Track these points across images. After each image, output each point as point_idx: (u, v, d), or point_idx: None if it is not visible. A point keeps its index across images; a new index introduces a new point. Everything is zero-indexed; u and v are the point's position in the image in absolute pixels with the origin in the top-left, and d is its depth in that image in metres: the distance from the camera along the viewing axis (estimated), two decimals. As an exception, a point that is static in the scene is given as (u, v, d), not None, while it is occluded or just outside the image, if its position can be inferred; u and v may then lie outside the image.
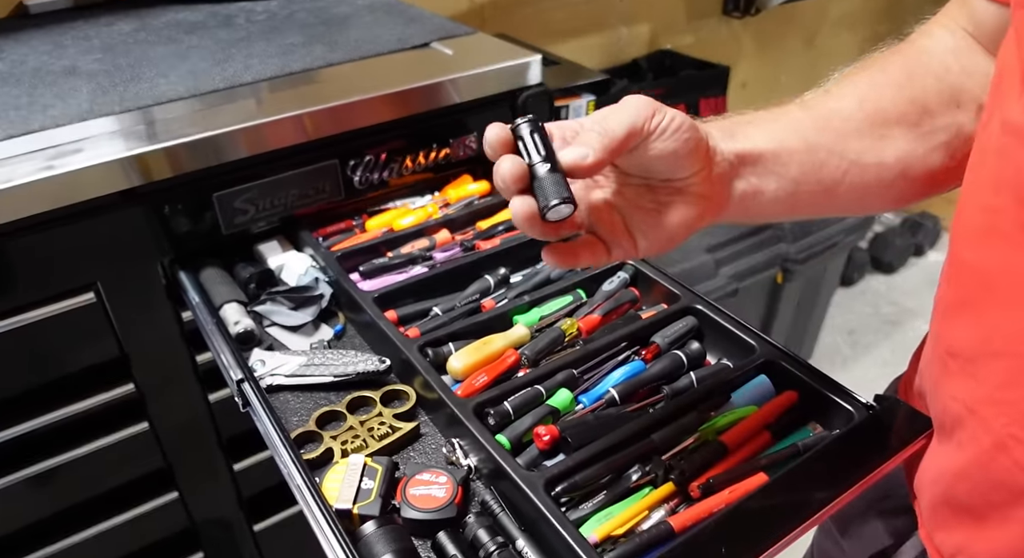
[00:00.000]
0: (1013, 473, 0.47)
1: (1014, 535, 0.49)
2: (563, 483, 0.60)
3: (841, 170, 0.55)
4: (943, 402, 0.55)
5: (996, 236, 0.46)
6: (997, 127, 0.46)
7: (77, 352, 0.87)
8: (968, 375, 0.50)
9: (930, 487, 0.59)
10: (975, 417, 0.50)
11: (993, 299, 0.47)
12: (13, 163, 0.79)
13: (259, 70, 1.02)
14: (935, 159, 0.56)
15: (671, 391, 0.70)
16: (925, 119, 0.56)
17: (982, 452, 0.50)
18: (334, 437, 0.68)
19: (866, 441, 0.62)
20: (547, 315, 0.80)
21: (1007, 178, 0.45)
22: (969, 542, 0.54)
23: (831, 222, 2.02)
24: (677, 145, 0.48)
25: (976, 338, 0.49)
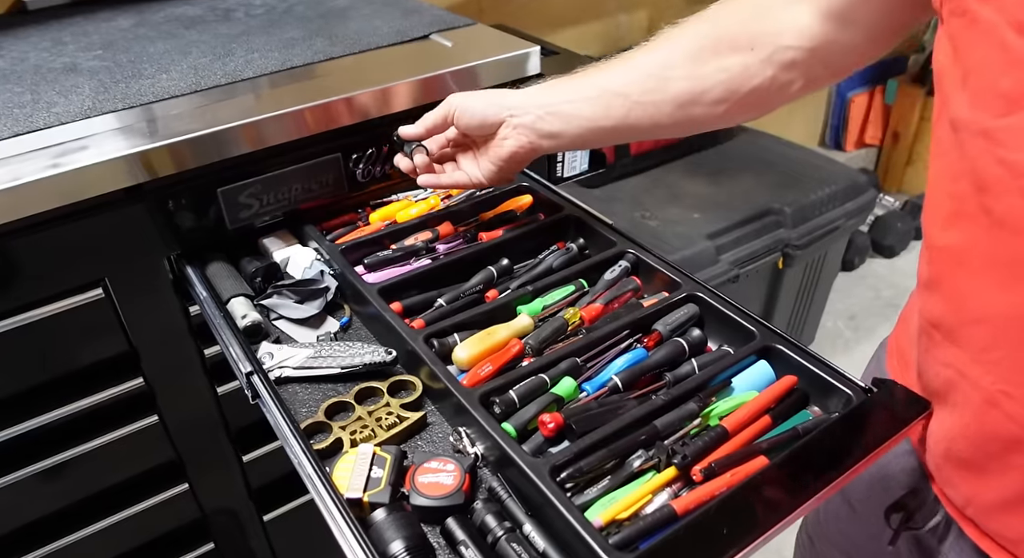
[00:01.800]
0: (1005, 425, 0.52)
1: (1014, 481, 0.54)
2: (568, 469, 0.61)
3: (625, 108, 0.74)
4: (934, 370, 0.60)
5: (961, 218, 0.52)
6: (947, 124, 0.52)
7: (86, 347, 0.88)
8: (952, 343, 0.56)
9: (933, 448, 0.63)
10: (965, 380, 0.55)
11: (964, 273, 0.53)
12: (19, 161, 0.80)
13: (260, 65, 1.03)
14: (710, 97, 0.71)
15: (673, 378, 0.71)
16: (707, 63, 0.70)
17: (975, 409, 0.55)
18: (343, 427, 0.69)
19: (864, 423, 0.63)
20: (550, 305, 0.81)
21: (964, 168, 0.50)
22: (976, 494, 0.59)
23: (831, 207, 2.03)
24: (473, 123, 0.81)
25: (954, 309, 0.55)
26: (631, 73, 0.75)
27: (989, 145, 0.47)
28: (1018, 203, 0.46)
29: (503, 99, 0.79)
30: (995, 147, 0.47)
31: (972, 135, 0.49)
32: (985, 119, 0.48)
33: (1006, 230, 0.48)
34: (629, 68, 0.75)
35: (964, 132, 0.50)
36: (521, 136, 0.79)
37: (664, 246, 1.76)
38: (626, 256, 0.86)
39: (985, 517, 0.60)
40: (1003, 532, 0.58)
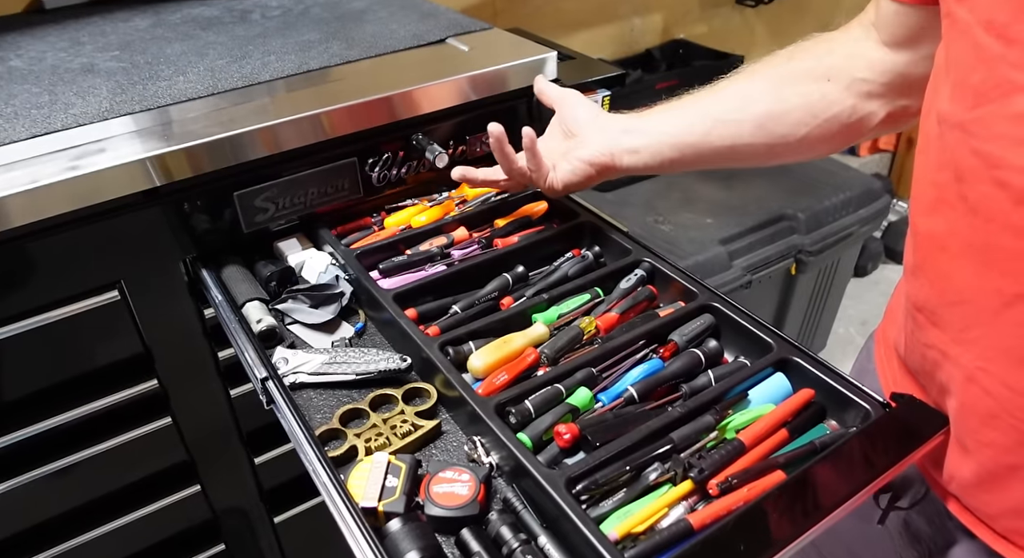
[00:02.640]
0: (983, 399, 0.56)
1: (989, 457, 0.57)
2: (584, 481, 0.61)
3: (707, 126, 0.76)
4: (920, 351, 0.63)
5: (943, 206, 0.55)
6: (934, 118, 0.55)
7: (102, 349, 0.89)
8: (934, 324, 0.59)
9: None
10: (947, 359, 0.59)
11: (945, 257, 0.56)
12: (38, 163, 0.80)
13: (277, 68, 1.03)
14: (792, 119, 0.74)
15: (689, 389, 0.71)
16: (788, 89, 0.74)
17: (957, 387, 0.59)
18: (358, 435, 0.69)
19: (883, 439, 0.63)
20: (565, 313, 0.80)
21: (946, 159, 0.54)
22: (957, 469, 0.62)
23: (845, 213, 2.02)
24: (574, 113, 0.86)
25: (935, 292, 0.58)
26: (714, 97, 0.78)
27: (964, 136, 0.51)
28: (990, 191, 0.50)
29: (600, 113, 0.84)
30: (969, 138, 0.50)
31: (951, 127, 0.52)
32: (960, 112, 0.51)
33: (980, 217, 0.51)
34: (712, 94, 0.79)
35: (944, 124, 0.53)
36: (603, 145, 0.80)
37: (677, 251, 1.75)
38: (642, 265, 0.85)
39: (966, 493, 0.63)
40: (982, 508, 0.61)
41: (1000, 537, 0.61)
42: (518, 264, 0.88)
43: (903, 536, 0.75)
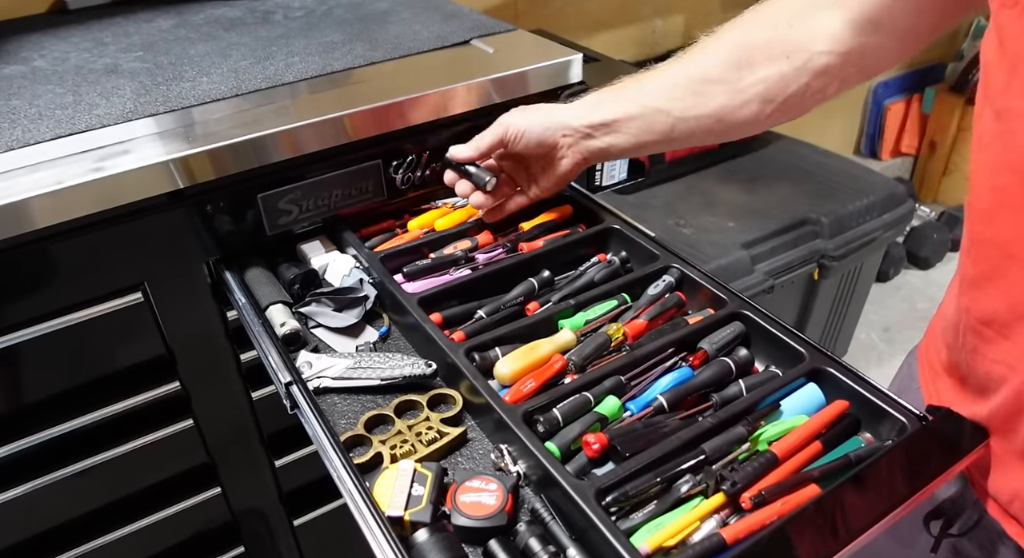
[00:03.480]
0: None
1: None
2: (613, 492, 0.59)
3: (669, 124, 0.78)
4: (985, 367, 0.60)
5: (1007, 211, 0.53)
6: (991, 116, 0.53)
7: (124, 350, 0.88)
8: (1004, 337, 0.57)
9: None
10: (1016, 373, 0.56)
11: (1015, 267, 0.53)
12: (63, 164, 0.80)
13: (300, 69, 1.02)
14: (749, 108, 0.75)
15: (720, 399, 0.69)
16: (744, 75, 0.73)
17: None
18: (383, 441, 0.68)
19: (921, 453, 0.61)
20: (592, 319, 0.79)
21: (1009, 160, 0.51)
22: (1022, 486, 0.60)
23: (869, 218, 1.99)
24: (531, 146, 0.84)
25: (1007, 304, 0.55)
26: (672, 89, 0.79)
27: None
28: None
29: (553, 118, 0.83)
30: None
31: (1019, 124, 0.50)
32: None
33: None
34: (669, 82, 0.79)
35: (1008, 121, 0.51)
36: (576, 154, 0.84)
37: (699, 255, 1.73)
38: (670, 271, 0.84)
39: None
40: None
41: None
42: (544, 268, 0.87)
43: None
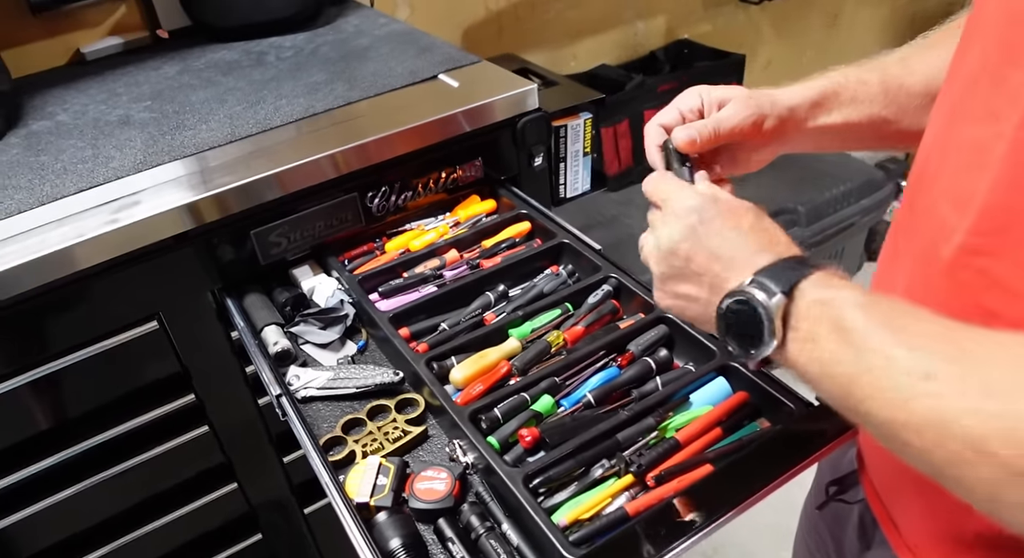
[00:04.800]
0: None
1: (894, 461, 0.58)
2: (540, 477, 0.72)
3: (843, 76, 0.72)
4: None
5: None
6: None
7: (146, 370, 1.03)
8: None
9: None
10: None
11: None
12: (85, 217, 0.94)
13: (287, 112, 1.15)
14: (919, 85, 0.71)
15: (639, 394, 0.82)
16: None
17: None
18: (356, 441, 0.82)
19: (800, 436, 0.73)
20: (538, 328, 0.92)
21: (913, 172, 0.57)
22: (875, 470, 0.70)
23: (846, 204, 2.08)
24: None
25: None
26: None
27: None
28: None
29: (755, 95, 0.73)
30: None
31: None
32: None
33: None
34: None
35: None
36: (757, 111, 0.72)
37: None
38: (608, 281, 0.96)
39: (885, 491, 0.70)
40: (893, 503, 0.68)
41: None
42: (501, 282, 1.00)
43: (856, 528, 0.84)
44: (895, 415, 0.44)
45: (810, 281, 0.52)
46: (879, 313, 0.48)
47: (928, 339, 0.45)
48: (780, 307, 0.51)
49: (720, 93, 0.72)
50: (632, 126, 1.96)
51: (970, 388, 0.41)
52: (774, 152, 0.76)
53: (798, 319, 0.51)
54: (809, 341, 0.50)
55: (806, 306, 0.51)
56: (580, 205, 1.75)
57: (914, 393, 0.43)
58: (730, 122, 0.69)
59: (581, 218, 1.88)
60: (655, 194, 0.65)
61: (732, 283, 0.56)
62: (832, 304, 0.50)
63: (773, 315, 0.51)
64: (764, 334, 0.52)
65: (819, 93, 0.72)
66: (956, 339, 0.44)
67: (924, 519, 0.66)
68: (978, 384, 0.41)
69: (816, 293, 0.51)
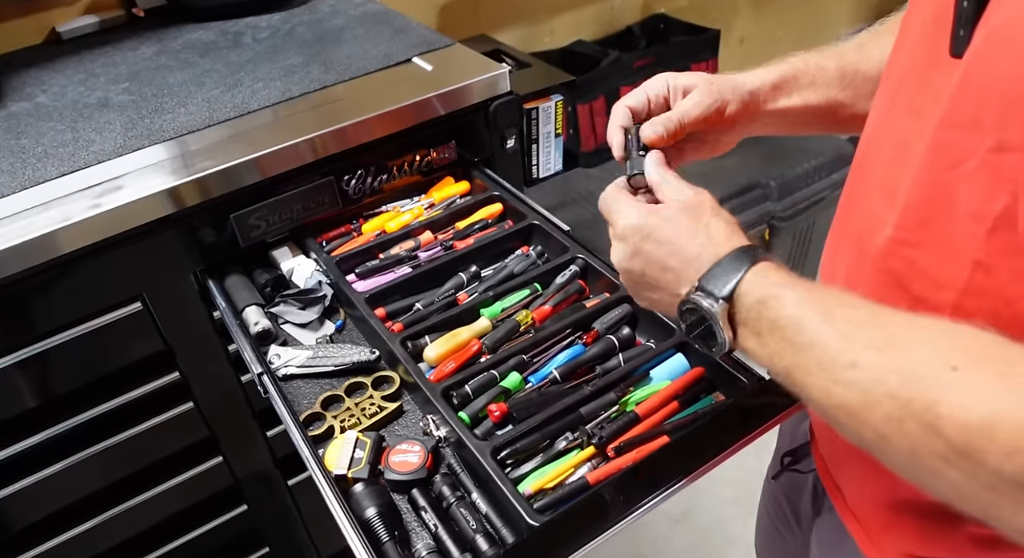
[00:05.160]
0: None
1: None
2: (507, 449, 0.77)
3: (801, 61, 0.76)
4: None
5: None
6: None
7: (131, 350, 1.06)
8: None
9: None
10: None
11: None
12: (68, 201, 0.96)
13: (264, 96, 1.18)
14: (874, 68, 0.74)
15: (602, 370, 0.86)
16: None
17: None
18: (335, 416, 0.86)
19: (751, 409, 0.78)
20: (508, 307, 0.96)
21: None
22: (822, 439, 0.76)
23: (817, 178, 2.13)
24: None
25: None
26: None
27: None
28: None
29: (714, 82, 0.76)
30: None
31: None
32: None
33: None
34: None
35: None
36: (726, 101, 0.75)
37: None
38: (576, 262, 1.00)
39: (831, 462, 0.76)
40: (838, 472, 0.74)
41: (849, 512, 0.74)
42: (473, 263, 1.04)
43: (810, 496, 0.89)
44: (828, 399, 0.49)
45: (749, 280, 0.56)
46: (812, 305, 0.52)
47: (855, 325, 0.49)
48: (723, 311, 0.56)
49: (684, 81, 0.76)
50: (608, 103, 1.99)
51: (889, 374, 0.45)
52: (738, 135, 0.79)
53: (743, 318, 0.56)
54: (755, 336, 0.56)
55: (746, 307, 0.56)
56: (555, 183, 1.78)
57: (842, 379, 0.48)
58: (695, 111, 0.73)
59: (556, 196, 1.91)
60: (605, 213, 0.69)
61: (682, 290, 0.60)
62: (769, 303, 0.54)
63: (719, 319, 0.56)
64: (717, 334, 0.57)
65: (779, 77, 0.76)
66: (883, 324, 0.49)
67: (864, 487, 0.71)
68: (897, 370, 0.45)
69: (755, 293, 0.55)
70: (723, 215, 0.62)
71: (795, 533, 0.91)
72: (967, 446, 0.41)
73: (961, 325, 0.45)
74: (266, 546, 1.39)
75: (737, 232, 0.60)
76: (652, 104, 0.77)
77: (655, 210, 0.63)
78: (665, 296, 0.63)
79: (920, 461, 0.45)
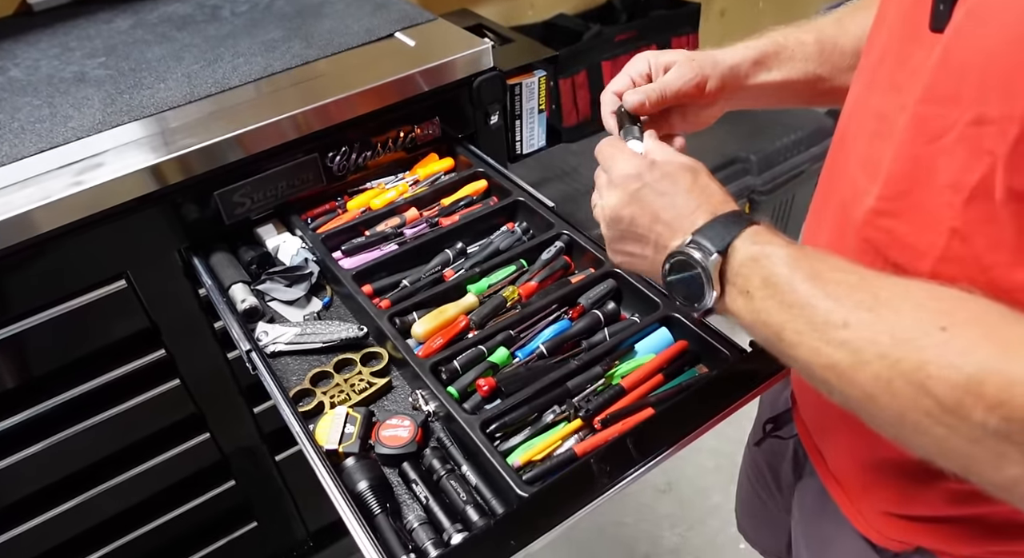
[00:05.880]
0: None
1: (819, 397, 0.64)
2: (496, 423, 0.78)
3: (781, 35, 0.78)
4: None
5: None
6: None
7: (116, 327, 1.06)
8: None
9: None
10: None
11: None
12: (48, 179, 0.95)
13: (245, 71, 1.16)
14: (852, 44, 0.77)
15: (588, 345, 0.88)
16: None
17: None
18: (324, 392, 0.87)
19: (733, 380, 0.80)
20: (494, 283, 0.97)
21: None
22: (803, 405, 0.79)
23: (796, 152, 2.15)
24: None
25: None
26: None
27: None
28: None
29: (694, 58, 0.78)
30: None
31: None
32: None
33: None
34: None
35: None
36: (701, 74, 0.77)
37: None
38: (561, 237, 1.01)
39: (813, 427, 0.79)
40: (820, 437, 0.76)
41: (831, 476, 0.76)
42: (459, 240, 1.04)
43: (791, 461, 0.92)
44: (817, 359, 0.50)
45: (743, 238, 0.57)
46: (804, 267, 0.53)
47: (846, 288, 0.51)
48: (716, 264, 0.57)
49: (666, 58, 0.78)
50: (590, 77, 1.99)
51: (880, 335, 0.47)
52: (721, 109, 0.81)
53: (733, 275, 0.57)
54: (743, 294, 0.56)
55: (739, 263, 0.56)
56: (538, 159, 1.78)
57: (833, 339, 0.49)
58: (675, 84, 0.75)
59: (539, 172, 1.91)
60: (602, 159, 0.70)
61: (673, 243, 0.61)
62: (761, 261, 0.55)
63: (711, 272, 0.57)
64: (704, 289, 0.58)
65: (760, 52, 0.78)
66: (871, 287, 0.50)
67: (845, 451, 0.74)
68: (887, 331, 0.47)
69: (748, 250, 0.56)
70: (718, 183, 0.64)
71: (776, 499, 0.94)
72: (955, 403, 0.43)
73: (946, 287, 0.47)
74: (254, 521, 1.40)
75: (732, 200, 0.62)
76: (636, 84, 0.78)
77: (656, 163, 0.64)
78: (649, 250, 0.63)
79: (907, 419, 0.46)
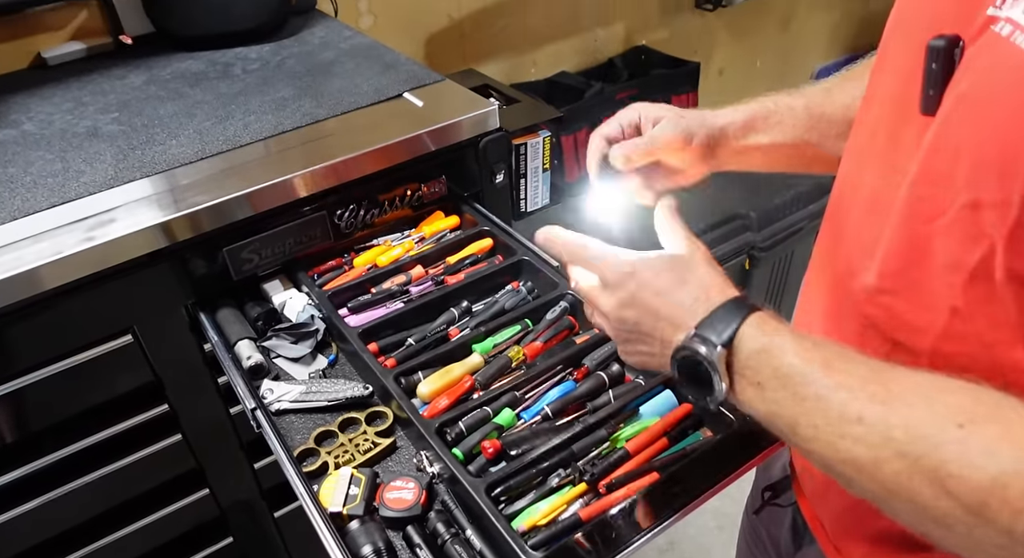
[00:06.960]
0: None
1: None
2: (501, 486, 0.78)
3: (771, 102, 0.81)
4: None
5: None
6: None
7: (120, 382, 1.06)
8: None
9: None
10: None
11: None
12: (60, 234, 0.97)
13: (256, 129, 1.19)
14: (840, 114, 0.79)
15: (592, 407, 0.88)
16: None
17: None
18: (328, 452, 0.87)
19: (737, 445, 0.80)
20: (499, 343, 0.97)
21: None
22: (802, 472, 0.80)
23: (796, 209, 2.18)
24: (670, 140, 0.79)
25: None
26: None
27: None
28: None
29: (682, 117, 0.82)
30: None
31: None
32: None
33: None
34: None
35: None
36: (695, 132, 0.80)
37: (633, 255, 1.91)
38: (565, 297, 1.02)
39: (813, 496, 0.78)
40: (820, 506, 0.76)
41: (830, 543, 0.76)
42: (464, 298, 1.05)
43: (790, 530, 0.91)
44: (835, 454, 0.50)
45: (748, 328, 0.56)
46: (815, 357, 0.53)
47: (858, 379, 0.50)
48: (723, 357, 0.56)
49: (655, 111, 0.82)
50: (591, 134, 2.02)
51: (895, 429, 0.47)
52: (708, 167, 0.83)
53: (742, 367, 0.56)
54: (754, 385, 0.55)
55: (746, 355, 0.56)
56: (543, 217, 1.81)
57: (848, 434, 0.49)
58: (661, 139, 0.79)
59: (541, 225, 1.93)
60: (583, 264, 0.69)
61: (677, 339, 0.60)
62: (772, 351, 0.54)
63: (717, 366, 0.56)
64: (714, 382, 0.57)
65: (749, 115, 0.81)
66: (883, 380, 0.50)
67: (847, 520, 0.74)
68: (902, 426, 0.47)
69: (756, 342, 0.55)
70: (716, 268, 0.63)
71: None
72: (979, 505, 0.42)
73: (955, 379, 0.47)
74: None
75: (730, 284, 0.62)
76: (625, 133, 0.82)
77: (648, 259, 0.64)
78: (658, 347, 0.62)
79: (928, 516, 0.46)
